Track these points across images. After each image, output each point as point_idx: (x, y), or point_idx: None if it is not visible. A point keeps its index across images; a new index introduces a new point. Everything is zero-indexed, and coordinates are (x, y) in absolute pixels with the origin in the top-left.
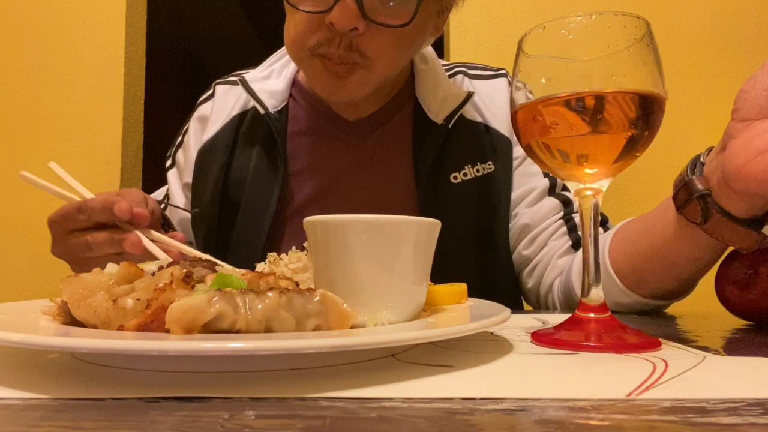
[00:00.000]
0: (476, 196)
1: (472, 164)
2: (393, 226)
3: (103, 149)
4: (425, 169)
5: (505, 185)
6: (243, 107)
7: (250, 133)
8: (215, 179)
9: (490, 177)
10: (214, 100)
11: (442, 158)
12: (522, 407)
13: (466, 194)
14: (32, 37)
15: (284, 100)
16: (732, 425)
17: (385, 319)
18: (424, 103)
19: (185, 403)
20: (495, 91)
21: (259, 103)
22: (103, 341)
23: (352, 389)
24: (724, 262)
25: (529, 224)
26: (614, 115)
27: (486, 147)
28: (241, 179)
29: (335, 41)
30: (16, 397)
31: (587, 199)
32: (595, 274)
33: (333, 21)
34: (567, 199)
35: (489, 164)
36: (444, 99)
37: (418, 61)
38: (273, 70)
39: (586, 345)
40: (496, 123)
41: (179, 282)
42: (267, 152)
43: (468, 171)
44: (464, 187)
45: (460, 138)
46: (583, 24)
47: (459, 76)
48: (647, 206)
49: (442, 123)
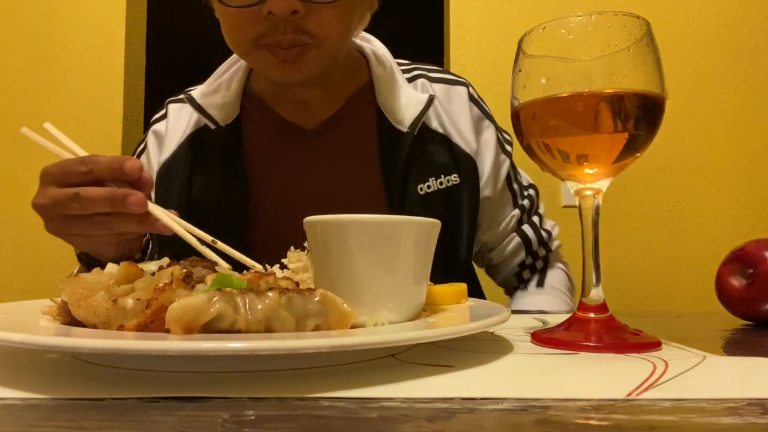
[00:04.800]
0: (440, 207)
1: (435, 176)
2: (393, 226)
3: (103, 149)
4: (395, 178)
5: (469, 199)
6: (196, 125)
7: (206, 151)
8: (176, 202)
9: (454, 189)
10: (167, 119)
11: (409, 168)
12: (522, 407)
13: (431, 205)
14: (32, 37)
15: (235, 112)
16: (732, 425)
17: (385, 319)
18: (385, 110)
19: (185, 403)
20: (454, 98)
21: (209, 119)
22: (103, 341)
23: (352, 389)
24: (724, 262)
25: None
26: (614, 115)
27: (449, 160)
28: (203, 199)
29: (280, 29)
30: (16, 397)
31: (587, 199)
32: (594, 274)
33: (271, 9)
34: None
35: (454, 176)
36: (406, 105)
37: (375, 66)
38: (221, 82)
39: (586, 345)
40: (458, 138)
41: (179, 282)
42: (225, 169)
43: (432, 183)
44: (429, 198)
45: (426, 147)
46: (583, 24)
47: (420, 80)
48: (647, 206)
49: (408, 130)
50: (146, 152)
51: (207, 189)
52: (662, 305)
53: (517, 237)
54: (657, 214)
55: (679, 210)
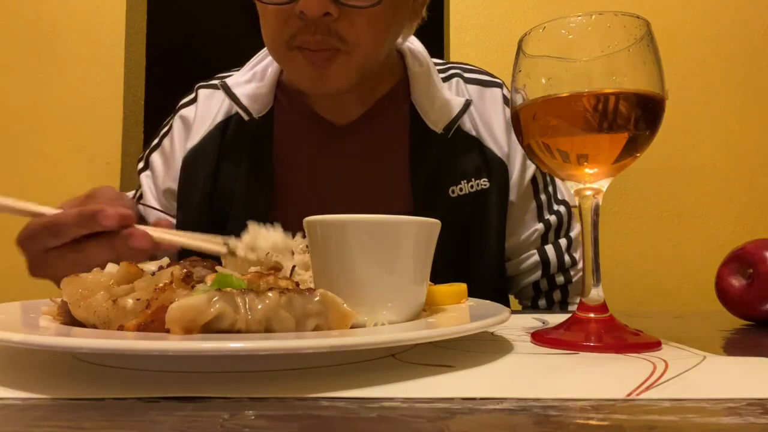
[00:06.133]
0: (469, 211)
1: (467, 180)
2: (393, 226)
3: (103, 149)
4: (424, 180)
5: (498, 204)
6: (227, 113)
7: (235, 140)
8: (201, 191)
9: (484, 193)
10: (197, 105)
11: (440, 170)
12: (522, 407)
13: (460, 209)
14: (32, 37)
15: (269, 104)
16: (732, 425)
17: (385, 319)
18: (420, 109)
19: (185, 403)
20: (488, 100)
21: (243, 110)
22: (103, 341)
23: (352, 389)
24: (724, 262)
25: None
26: (614, 115)
27: (481, 164)
28: (229, 191)
29: (310, 29)
30: (16, 397)
31: (587, 199)
32: (594, 274)
33: (303, 9)
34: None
35: (484, 180)
36: (441, 106)
37: (411, 63)
38: (255, 72)
39: (586, 345)
40: (490, 141)
41: (179, 282)
42: (254, 160)
43: (464, 186)
44: (459, 201)
45: (458, 150)
46: (583, 24)
47: (455, 79)
48: (647, 206)
49: (442, 132)
50: (170, 136)
51: (233, 179)
52: (662, 305)
53: (537, 255)
54: (657, 214)
55: (679, 210)
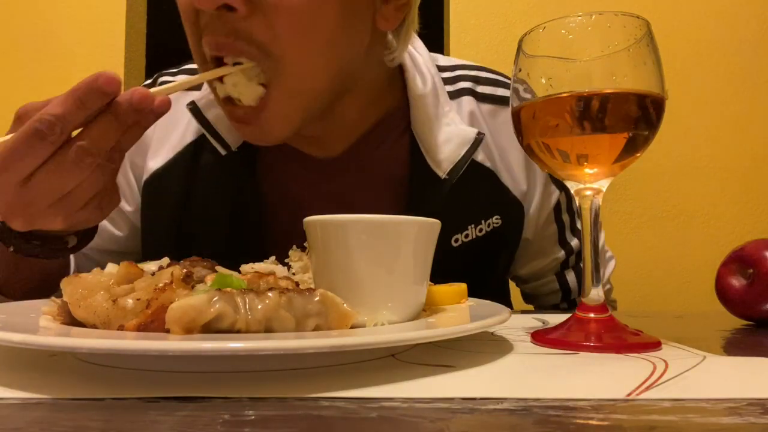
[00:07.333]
0: (477, 254)
1: (475, 223)
2: (393, 226)
3: None
4: None
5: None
6: (197, 131)
7: (210, 165)
8: (169, 216)
9: (495, 233)
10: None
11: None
12: (522, 407)
13: (465, 256)
14: (32, 37)
15: None
16: (732, 425)
17: (385, 319)
18: (422, 144)
19: (185, 403)
20: (504, 123)
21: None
22: (103, 341)
23: (352, 389)
24: (724, 263)
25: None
26: (614, 115)
27: (494, 201)
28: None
29: (210, 28)
30: (16, 397)
31: (587, 199)
32: (594, 275)
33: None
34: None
35: (496, 218)
36: (447, 140)
37: (413, 81)
38: None
39: (586, 345)
40: (506, 176)
41: (179, 282)
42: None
43: (470, 231)
44: (464, 249)
45: (466, 190)
46: (583, 24)
47: (465, 98)
48: (647, 206)
49: (446, 177)
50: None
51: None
52: (662, 305)
53: (556, 282)
54: (657, 214)
55: (679, 210)
